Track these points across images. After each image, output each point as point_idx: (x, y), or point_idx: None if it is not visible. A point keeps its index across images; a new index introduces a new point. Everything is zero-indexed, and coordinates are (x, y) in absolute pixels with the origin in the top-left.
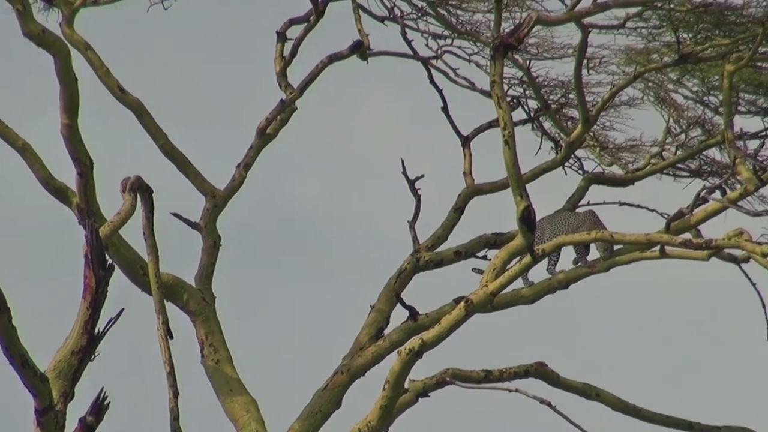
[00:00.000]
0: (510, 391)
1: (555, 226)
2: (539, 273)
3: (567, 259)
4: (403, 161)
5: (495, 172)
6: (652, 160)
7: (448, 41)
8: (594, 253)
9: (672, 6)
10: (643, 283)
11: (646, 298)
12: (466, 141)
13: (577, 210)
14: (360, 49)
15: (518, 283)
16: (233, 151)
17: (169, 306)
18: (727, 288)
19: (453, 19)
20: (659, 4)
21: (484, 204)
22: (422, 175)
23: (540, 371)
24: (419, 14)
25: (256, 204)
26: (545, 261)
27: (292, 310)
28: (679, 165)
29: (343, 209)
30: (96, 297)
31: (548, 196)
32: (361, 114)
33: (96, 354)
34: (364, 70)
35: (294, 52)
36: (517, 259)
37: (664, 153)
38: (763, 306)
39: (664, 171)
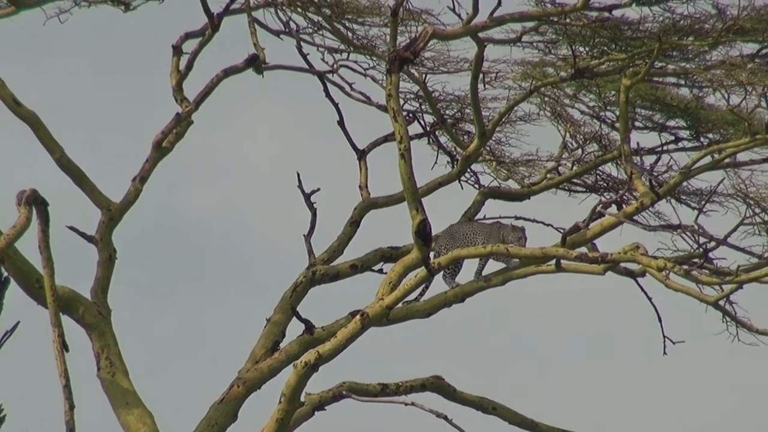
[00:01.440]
0: (406, 404)
1: (461, 236)
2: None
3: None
4: (298, 175)
5: (391, 185)
6: (548, 175)
7: (344, 55)
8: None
9: (568, 20)
10: (539, 296)
11: (542, 311)
12: (361, 155)
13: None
14: (255, 62)
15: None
16: (130, 165)
17: (65, 319)
18: (624, 302)
19: (349, 34)
20: (555, 19)
21: (380, 218)
22: (318, 189)
23: (436, 385)
24: (315, 28)
25: (152, 217)
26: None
27: (188, 322)
28: (575, 180)
29: (239, 222)
30: None
31: (444, 210)
32: (257, 127)
33: None
34: (259, 83)
35: (190, 66)
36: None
37: (560, 168)
38: (659, 320)
39: (560, 186)
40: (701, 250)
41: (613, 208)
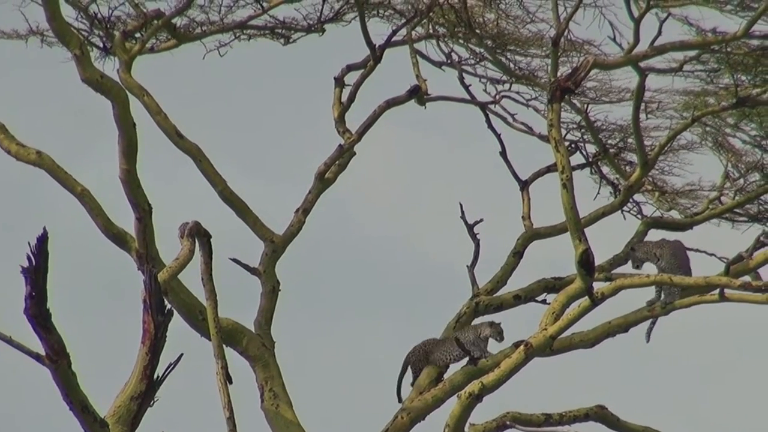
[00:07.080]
0: None
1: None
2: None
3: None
4: (461, 206)
5: (553, 216)
6: (711, 205)
7: (506, 86)
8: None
9: (729, 49)
10: (704, 326)
11: (707, 342)
12: (524, 185)
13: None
14: (418, 94)
15: (577, 327)
16: (291, 195)
17: (229, 351)
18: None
19: (511, 65)
20: (716, 48)
21: (543, 248)
22: (481, 220)
23: (600, 414)
24: (477, 59)
25: (312, 249)
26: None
27: (351, 353)
28: (738, 210)
29: (401, 252)
30: (155, 342)
31: (607, 240)
32: (419, 158)
33: (155, 399)
34: (421, 114)
35: (352, 98)
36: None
37: (722, 198)
38: None
39: (723, 216)
40: None
41: None
